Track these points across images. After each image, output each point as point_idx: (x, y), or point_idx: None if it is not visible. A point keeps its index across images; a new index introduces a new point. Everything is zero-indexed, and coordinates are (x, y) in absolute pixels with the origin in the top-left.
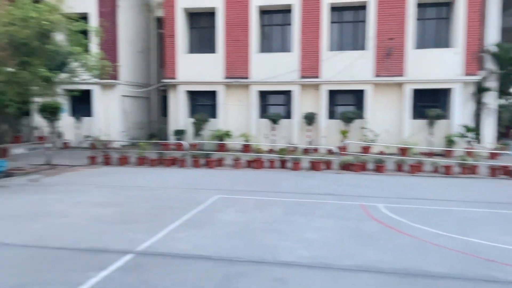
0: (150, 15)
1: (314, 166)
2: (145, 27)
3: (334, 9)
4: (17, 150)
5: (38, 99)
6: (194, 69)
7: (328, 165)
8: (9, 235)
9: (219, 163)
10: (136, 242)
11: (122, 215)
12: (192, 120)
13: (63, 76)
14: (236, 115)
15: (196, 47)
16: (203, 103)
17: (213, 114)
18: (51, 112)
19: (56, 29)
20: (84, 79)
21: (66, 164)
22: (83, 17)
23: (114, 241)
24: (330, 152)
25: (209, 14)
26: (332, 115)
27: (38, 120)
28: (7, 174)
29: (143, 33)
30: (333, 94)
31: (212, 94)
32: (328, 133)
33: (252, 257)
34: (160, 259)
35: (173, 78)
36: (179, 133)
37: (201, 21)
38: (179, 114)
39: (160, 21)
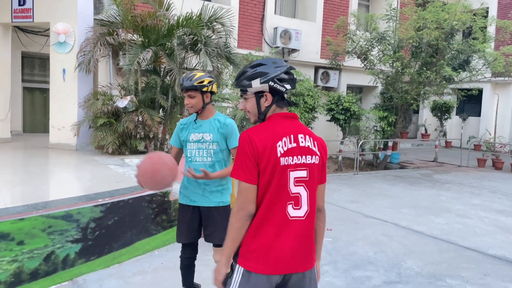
0: None
1: None
2: None
3: None
4: (404, 145)
5: (434, 98)
6: None
7: None
8: (417, 223)
9: None
10: None
11: None
12: None
13: (462, 75)
14: None
15: None
16: None
17: None
18: (442, 111)
19: (463, 28)
20: (480, 78)
21: (452, 164)
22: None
23: None
24: None
25: None
26: None
27: (424, 117)
28: (401, 166)
29: None
30: None
31: None
32: None
33: None
34: None
35: None
36: None
37: None
38: None
39: None
